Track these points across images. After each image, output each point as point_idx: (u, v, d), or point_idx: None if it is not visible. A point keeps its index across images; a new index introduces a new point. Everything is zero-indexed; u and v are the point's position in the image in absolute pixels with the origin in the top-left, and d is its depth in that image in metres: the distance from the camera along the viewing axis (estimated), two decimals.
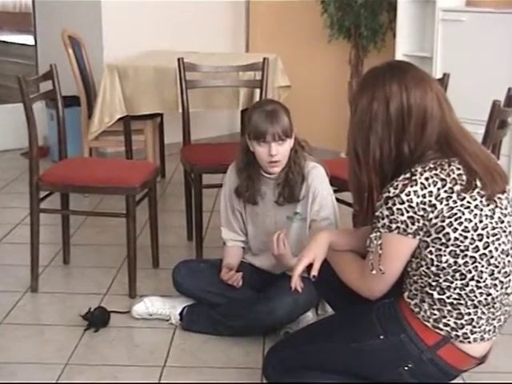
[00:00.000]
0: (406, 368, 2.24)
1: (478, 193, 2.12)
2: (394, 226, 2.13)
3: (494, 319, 2.22)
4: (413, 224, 2.12)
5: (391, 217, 2.13)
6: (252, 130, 3.01)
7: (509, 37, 4.42)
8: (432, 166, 2.12)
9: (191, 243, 4.08)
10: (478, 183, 2.13)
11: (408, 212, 2.10)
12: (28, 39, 6.86)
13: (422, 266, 2.17)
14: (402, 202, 2.10)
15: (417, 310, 2.22)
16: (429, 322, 2.20)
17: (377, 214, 2.17)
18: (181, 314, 3.18)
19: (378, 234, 2.17)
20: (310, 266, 2.36)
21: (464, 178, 2.12)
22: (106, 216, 4.07)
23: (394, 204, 2.11)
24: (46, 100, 5.36)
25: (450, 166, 2.13)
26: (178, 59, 4.11)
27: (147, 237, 3.83)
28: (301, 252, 2.42)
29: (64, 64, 4.64)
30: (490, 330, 2.23)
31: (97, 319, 3.17)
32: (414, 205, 2.10)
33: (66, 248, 3.86)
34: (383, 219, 2.15)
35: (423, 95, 2.15)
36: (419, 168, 2.12)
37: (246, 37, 6.54)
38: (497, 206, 2.16)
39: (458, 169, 2.13)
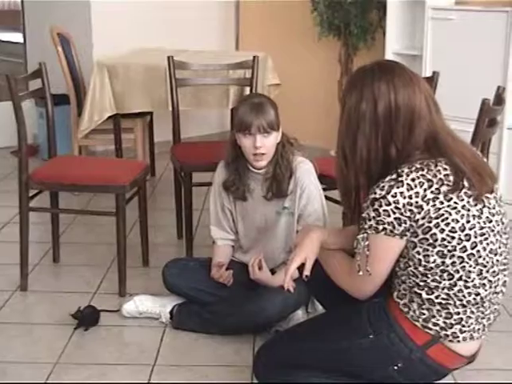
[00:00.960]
0: (395, 367, 2.24)
1: (466, 193, 2.12)
2: (380, 227, 2.13)
3: (483, 318, 2.22)
4: (399, 225, 2.12)
5: (378, 218, 2.13)
6: (238, 122, 3.03)
7: (498, 35, 4.43)
8: (418, 166, 2.12)
9: (181, 241, 4.07)
10: (466, 183, 2.12)
11: (394, 213, 2.10)
12: (17, 37, 6.83)
13: (409, 265, 2.18)
14: (389, 204, 2.10)
15: (406, 309, 2.22)
16: (418, 321, 2.20)
17: (363, 215, 2.17)
18: (171, 312, 3.18)
19: (365, 235, 2.17)
20: (301, 266, 2.36)
21: (451, 178, 2.11)
22: (95, 214, 4.06)
23: (381, 205, 2.11)
24: (35, 98, 5.34)
25: (436, 166, 2.12)
26: (168, 57, 4.10)
27: (137, 235, 3.83)
28: (292, 252, 2.42)
29: (53, 62, 4.63)
30: (479, 329, 2.23)
31: (87, 318, 3.17)
32: (400, 206, 2.10)
33: (55, 246, 3.85)
34: (370, 220, 2.15)
35: (411, 95, 2.15)
36: (405, 169, 2.12)
37: (236, 35, 6.54)
38: (484, 206, 2.16)
39: (445, 169, 2.12)
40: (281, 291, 2.57)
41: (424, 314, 2.19)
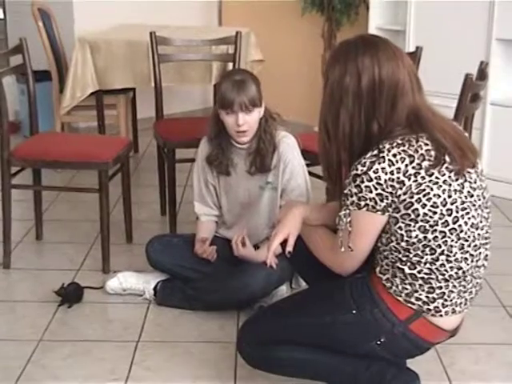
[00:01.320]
0: (378, 342, 2.25)
1: (447, 168, 2.12)
2: (362, 203, 2.13)
3: (465, 292, 2.23)
4: (381, 201, 2.12)
5: (360, 194, 2.12)
6: (220, 100, 3.01)
7: (482, 10, 4.42)
8: (400, 142, 2.11)
9: (165, 218, 4.07)
10: (447, 158, 2.12)
11: (376, 189, 2.10)
12: None
13: (392, 241, 2.18)
14: (370, 180, 2.10)
15: (389, 284, 2.22)
16: (401, 296, 2.21)
17: (345, 191, 2.16)
18: (155, 289, 3.18)
19: (347, 211, 2.17)
20: (284, 242, 2.36)
21: (432, 153, 2.11)
22: (78, 191, 4.04)
23: (362, 181, 2.11)
24: (16, 74, 5.29)
25: (417, 141, 2.12)
26: (151, 33, 4.07)
27: (120, 212, 3.82)
28: (275, 228, 2.42)
29: (34, 38, 4.58)
30: (461, 303, 2.24)
31: (70, 295, 3.17)
32: (382, 182, 2.09)
33: (38, 224, 3.84)
34: (352, 197, 2.14)
35: (395, 70, 2.14)
36: (387, 144, 2.11)
37: (219, 10, 6.50)
38: (466, 181, 2.16)
39: (426, 144, 2.12)
40: (264, 267, 2.57)
41: (407, 289, 2.20)
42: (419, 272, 2.17)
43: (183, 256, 3.20)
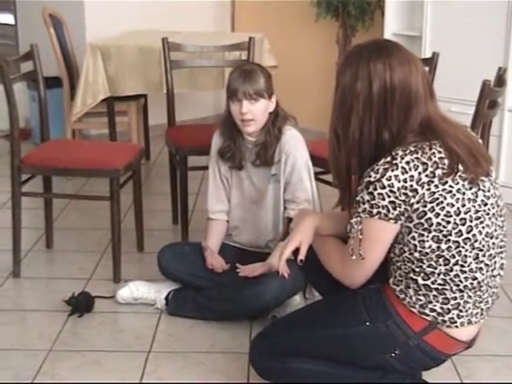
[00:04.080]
0: (392, 354, 2.22)
1: (460, 176, 2.09)
2: (375, 210, 2.10)
3: (481, 302, 2.19)
4: (394, 209, 2.08)
5: (372, 202, 2.09)
6: (227, 89, 3.06)
7: (499, 15, 4.38)
8: (413, 149, 2.08)
9: (176, 226, 4.05)
10: (460, 166, 2.09)
11: (389, 197, 2.07)
12: (8, 18, 6.77)
13: (404, 251, 2.15)
14: (383, 187, 2.06)
15: (402, 296, 2.19)
16: (415, 307, 2.17)
17: (357, 198, 2.13)
18: (166, 298, 3.15)
19: (359, 219, 2.14)
20: (296, 251, 2.34)
21: (445, 161, 2.08)
22: (89, 199, 4.02)
23: (375, 189, 2.08)
24: (27, 81, 5.28)
25: (431, 149, 2.09)
26: (163, 39, 4.05)
27: (132, 220, 3.80)
28: (287, 237, 2.40)
29: (45, 44, 4.57)
30: (477, 314, 2.20)
31: (81, 304, 3.14)
32: (395, 189, 2.06)
33: (48, 232, 3.81)
34: (364, 204, 2.11)
35: (408, 76, 2.11)
36: (400, 151, 2.08)
37: (232, 16, 6.48)
38: (480, 189, 2.12)
39: (440, 152, 2.09)
40: (277, 277, 2.56)
41: (421, 300, 2.16)
42: (433, 283, 2.13)
43: (195, 264, 3.17)
